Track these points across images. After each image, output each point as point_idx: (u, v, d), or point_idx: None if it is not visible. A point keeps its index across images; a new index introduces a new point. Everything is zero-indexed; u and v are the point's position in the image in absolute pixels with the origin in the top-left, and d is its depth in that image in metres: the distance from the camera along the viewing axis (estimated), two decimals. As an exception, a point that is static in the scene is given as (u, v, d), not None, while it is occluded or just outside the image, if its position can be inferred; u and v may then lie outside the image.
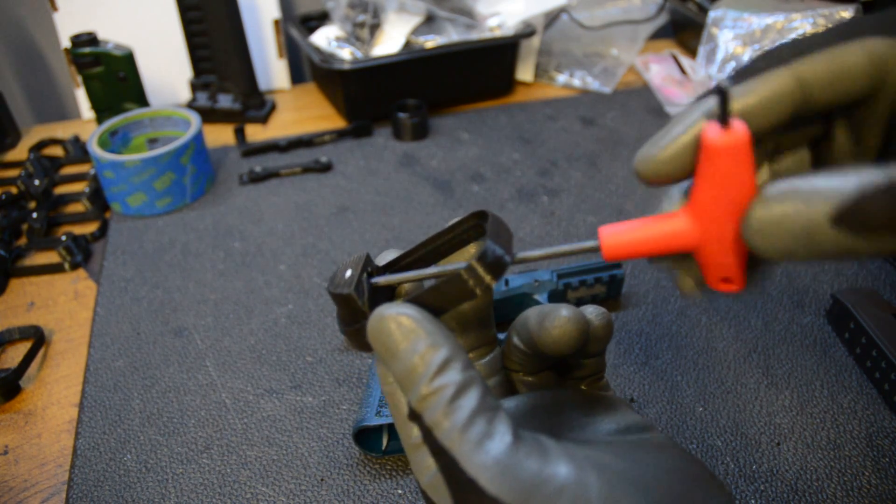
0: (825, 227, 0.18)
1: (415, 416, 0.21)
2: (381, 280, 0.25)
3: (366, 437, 0.43)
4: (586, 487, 0.19)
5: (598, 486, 0.20)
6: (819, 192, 0.18)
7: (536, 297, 0.51)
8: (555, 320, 0.25)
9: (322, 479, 0.41)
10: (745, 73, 0.21)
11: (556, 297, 0.52)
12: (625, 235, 0.23)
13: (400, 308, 0.22)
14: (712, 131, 0.19)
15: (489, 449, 0.19)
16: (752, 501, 0.39)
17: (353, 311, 0.24)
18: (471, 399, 0.20)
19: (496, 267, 0.22)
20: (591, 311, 0.28)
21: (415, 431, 0.21)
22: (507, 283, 0.51)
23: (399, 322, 0.21)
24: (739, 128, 0.19)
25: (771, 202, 0.19)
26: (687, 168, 0.22)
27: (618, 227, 0.23)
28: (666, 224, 0.22)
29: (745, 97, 0.21)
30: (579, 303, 0.53)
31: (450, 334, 0.22)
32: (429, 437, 0.20)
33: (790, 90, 0.21)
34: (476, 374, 0.21)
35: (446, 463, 0.20)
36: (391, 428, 0.43)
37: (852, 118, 0.22)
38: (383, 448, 0.43)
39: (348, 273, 0.25)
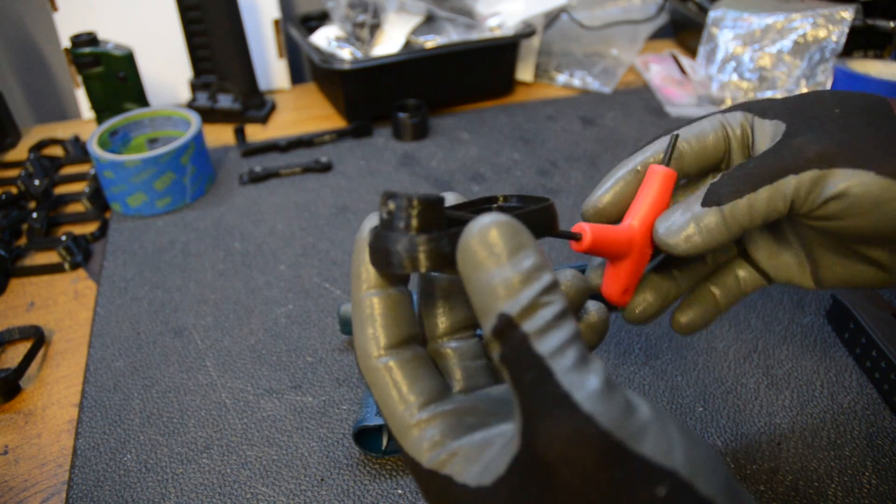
0: (697, 209, 0.29)
1: (505, 327, 0.20)
2: (456, 213, 0.24)
3: (366, 437, 0.43)
4: (667, 426, 0.20)
5: (676, 430, 0.20)
6: (692, 196, 0.30)
7: None
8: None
9: (322, 479, 0.41)
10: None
11: None
12: (602, 231, 0.30)
13: (506, 218, 0.20)
14: (656, 165, 0.32)
15: (588, 370, 0.19)
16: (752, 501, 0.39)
17: (437, 217, 0.22)
18: (571, 325, 0.20)
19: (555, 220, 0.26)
20: (592, 306, 0.28)
21: (493, 348, 0.20)
22: None
23: (512, 228, 0.20)
24: (672, 169, 0.32)
25: (668, 210, 0.31)
26: (622, 207, 0.33)
27: (595, 225, 0.30)
28: (622, 230, 0.31)
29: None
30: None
31: (546, 257, 0.21)
32: (522, 349, 0.19)
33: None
34: (571, 313, 0.21)
35: (537, 376, 0.19)
36: None
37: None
38: (383, 448, 0.43)
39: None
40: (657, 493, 0.18)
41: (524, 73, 0.95)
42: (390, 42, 0.84)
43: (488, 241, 0.20)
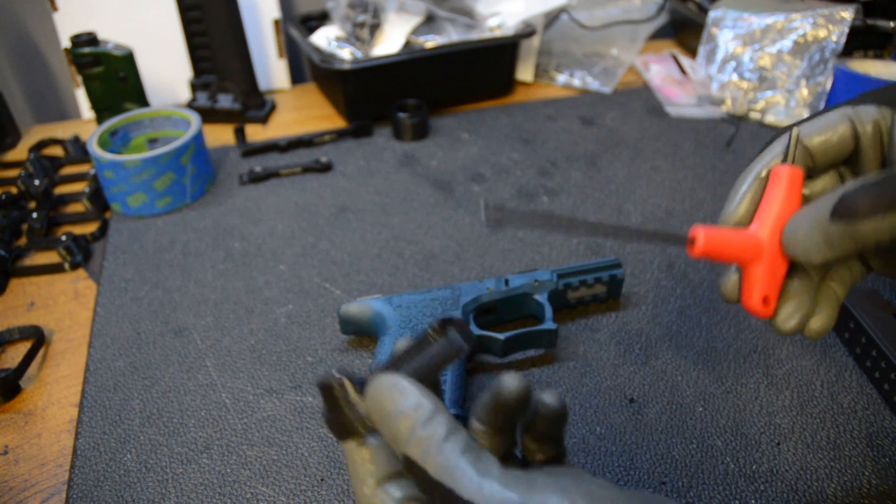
0: (826, 222, 0.27)
1: (409, 465, 0.24)
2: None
3: None
4: (568, 492, 0.22)
5: (578, 494, 0.22)
6: (821, 201, 0.27)
7: (536, 297, 0.51)
8: (499, 381, 0.25)
9: (322, 479, 0.41)
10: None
11: (556, 296, 0.52)
12: (719, 235, 0.29)
13: (384, 376, 0.26)
14: (780, 166, 0.31)
15: (483, 477, 0.22)
16: (752, 501, 0.39)
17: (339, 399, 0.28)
18: (459, 441, 0.23)
19: (466, 335, 0.28)
20: (547, 392, 0.27)
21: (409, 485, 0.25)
22: (507, 282, 0.51)
23: (388, 384, 0.25)
24: (797, 166, 0.31)
25: (795, 215, 0.29)
26: (752, 212, 0.32)
27: (712, 228, 0.29)
28: (744, 234, 0.30)
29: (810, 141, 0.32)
30: (580, 303, 0.53)
31: (431, 394, 0.25)
32: (424, 479, 0.23)
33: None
34: (459, 424, 0.24)
35: (444, 495, 0.23)
36: None
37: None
38: None
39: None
40: None
41: (524, 73, 0.95)
42: (390, 42, 0.84)
43: (374, 401, 0.25)
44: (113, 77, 0.78)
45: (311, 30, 0.91)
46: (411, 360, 0.27)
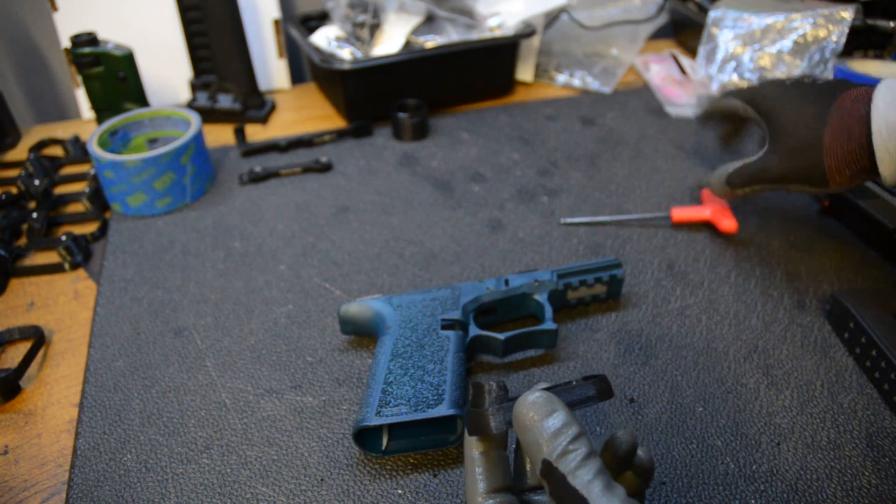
0: (724, 184, 0.57)
1: (548, 470, 0.28)
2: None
3: (366, 437, 0.43)
4: None
5: None
6: (723, 170, 0.57)
7: (536, 297, 0.51)
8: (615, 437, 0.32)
9: (322, 479, 0.41)
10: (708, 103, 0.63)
11: (556, 296, 0.52)
12: (682, 211, 0.63)
13: (541, 392, 0.30)
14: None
15: (613, 494, 0.26)
16: (752, 501, 0.39)
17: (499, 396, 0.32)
18: (596, 463, 0.27)
19: (608, 387, 0.32)
20: (642, 453, 0.33)
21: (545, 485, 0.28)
22: (507, 282, 0.51)
23: (547, 398, 0.29)
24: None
25: (712, 176, 0.59)
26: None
27: (679, 208, 0.63)
28: (695, 208, 0.64)
29: (707, 108, 0.64)
30: (580, 303, 0.53)
31: (578, 420, 0.30)
32: (561, 485, 0.27)
33: (720, 106, 0.61)
34: (596, 452, 0.28)
35: (575, 502, 0.26)
36: (392, 428, 0.43)
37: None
38: (383, 448, 0.43)
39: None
40: None
41: (524, 73, 0.95)
42: (390, 42, 0.84)
43: (530, 410, 0.29)
44: (113, 77, 0.78)
45: (311, 30, 0.91)
46: (559, 391, 0.31)
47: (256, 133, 0.85)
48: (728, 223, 0.61)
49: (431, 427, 0.44)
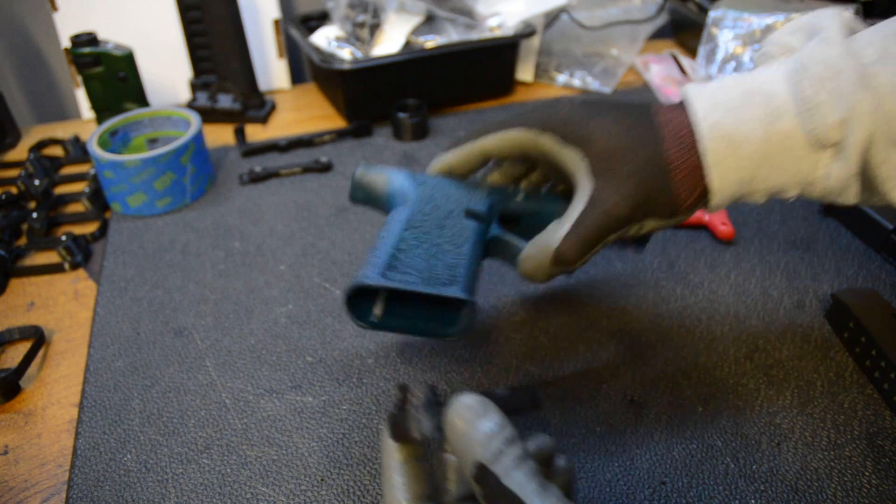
0: (548, 265, 0.39)
1: (482, 473, 0.27)
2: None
3: (359, 302, 0.39)
4: None
5: None
6: (543, 249, 0.39)
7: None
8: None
9: (322, 479, 0.41)
10: (452, 144, 0.44)
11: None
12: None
13: (474, 396, 0.29)
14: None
15: (549, 495, 0.26)
16: (752, 501, 0.39)
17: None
18: (531, 466, 0.27)
19: (539, 398, 0.32)
20: (560, 460, 0.31)
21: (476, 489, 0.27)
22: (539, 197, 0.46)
23: (481, 402, 0.29)
24: None
25: (525, 255, 0.41)
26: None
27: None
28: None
29: (448, 159, 0.44)
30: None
31: (506, 419, 0.29)
32: (495, 487, 0.26)
33: (477, 153, 0.43)
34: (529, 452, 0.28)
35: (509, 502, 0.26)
36: (389, 300, 0.40)
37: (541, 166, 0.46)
38: (374, 318, 0.39)
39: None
40: None
41: (524, 73, 0.95)
42: (390, 42, 0.84)
43: (464, 412, 0.28)
44: (113, 77, 0.78)
45: (311, 30, 0.91)
46: (492, 396, 0.30)
47: (256, 133, 0.85)
48: (725, 229, 0.60)
49: (432, 312, 0.40)
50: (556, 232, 0.39)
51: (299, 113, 0.90)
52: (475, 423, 0.28)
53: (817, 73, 0.35)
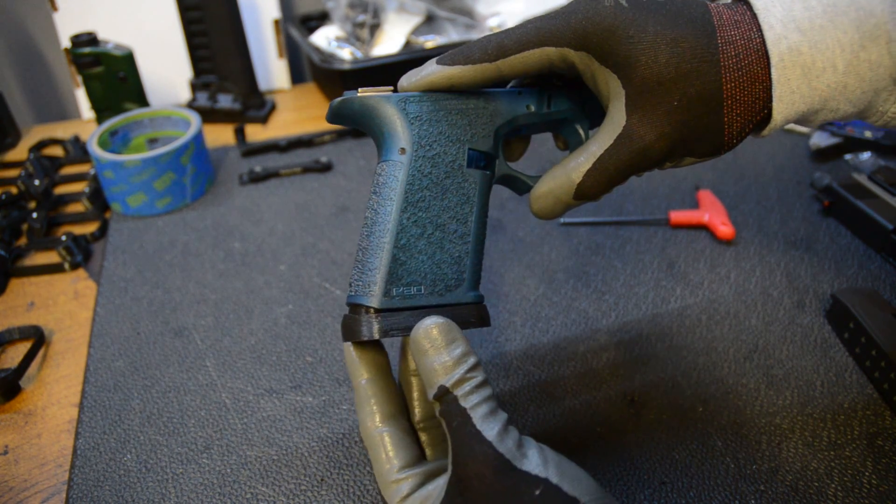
0: (567, 200, 0.36)
1: (443, 393, 0.30)
2: None
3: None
4: (544, 453, 0.29)
5: (552, 455, 0.29)
6: (562, 184, 0.36)
7: (579, 126, 0.40)
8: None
9: (322, 479, 0.41)
10: (461, 58, 0.34)
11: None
12: (680, 215, 0.59)
13: (443, 319, 0.31)
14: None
15: (496, 418, 0.29)
16: (752, 501, 0.39)
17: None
18: (488, 389, 0.30)
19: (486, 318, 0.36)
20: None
21: (436, 407, 0.30)
22: (549, 102, 0.39)
23: (448, 326, 0.31)
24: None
25: (540, 185, 0.37)
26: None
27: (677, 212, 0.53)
28: (690, 213, 0.60)
29: (452, 74, 0.34)
30: None
31: (470, 345, 0.31)
32: (450, 405, 0.29)
33: (492, 74, 0.34)
34: (487, 378, 0.31)
35: (461, 423, 0.29)
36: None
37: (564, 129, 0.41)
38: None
39: None
40: (534, 493, 0.27)
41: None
42: (390, 42, 0.84)
43: (430, 336, 0.31)
44: (113, 77, 0.78)
45: (311, 30, 0.91)
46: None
47: (256, 133, 0.85)
48: (725, 230, 0.60)
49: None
50: (577, 165, 0.35)
51: (299, 113, 0.90)
52: (442, 348, 0.30)
53: None
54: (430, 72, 0.34)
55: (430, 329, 0.30)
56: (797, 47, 0.30)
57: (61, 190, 0.74)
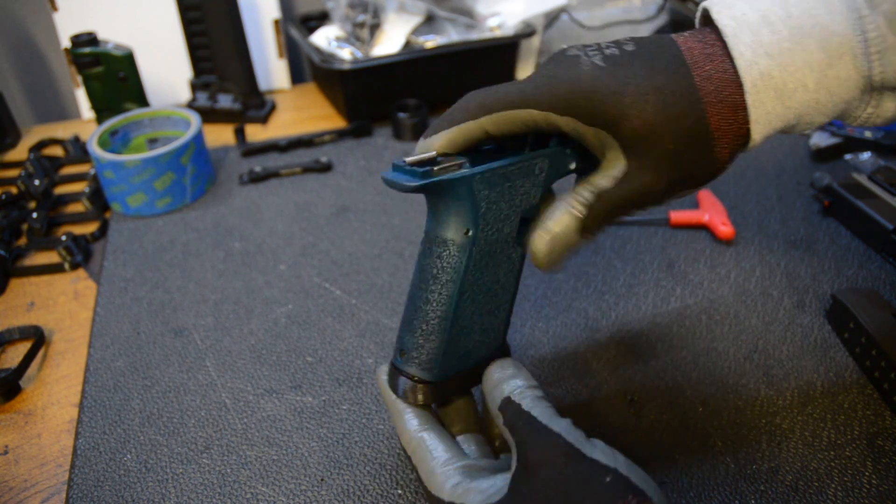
0: (572, 239, 0.35)
1: (507, 403, 0.33)
2: None
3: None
4: (611, 448, 0.31)
5: (619, 452, 0.30)
6: (560, 224, 0.35)
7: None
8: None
9: (322, 479, 0.41)
10: (447, 123, 0.37)
11: None
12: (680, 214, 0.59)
13: (510, 359, 0.37)
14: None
15: (562, 420, 0.32)
16: (752, 501, 0.39)
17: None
18: (548, 401, 0.34)
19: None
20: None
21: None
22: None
23: (514, 364, 0.37)
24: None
25: (539, 235, 0.35)
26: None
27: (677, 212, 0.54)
28: (689, 213, 0.60)
29: (452, 137, 0.37)
30: None
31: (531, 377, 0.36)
32: (516, 411, 0.32)
33: (477, 132, 0.36)
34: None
35: (527, 422, 0.32)
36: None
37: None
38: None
39: None
40: (605, 480, 0.28)
41: (524, 72, 0.95)
42: (390, 42, 0.84)
43: (500, 366, 0.36)
44: (113, 77, 0.78)
45: (311, 30, 0.91)
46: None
47: (256, 133, 0.85)
48: (725, 229, 0.60)
49: None
50: (573, 202, 0.34)
51: (299, 113, 0.90)
52: (509, 379, 0.34)
53: (888, 8, 0.30)
54: (432, 139, 0.37)
55: (498, 363, 0.36)
56: (768, 72, 0.32)
57: (61, 190, 0.74)
